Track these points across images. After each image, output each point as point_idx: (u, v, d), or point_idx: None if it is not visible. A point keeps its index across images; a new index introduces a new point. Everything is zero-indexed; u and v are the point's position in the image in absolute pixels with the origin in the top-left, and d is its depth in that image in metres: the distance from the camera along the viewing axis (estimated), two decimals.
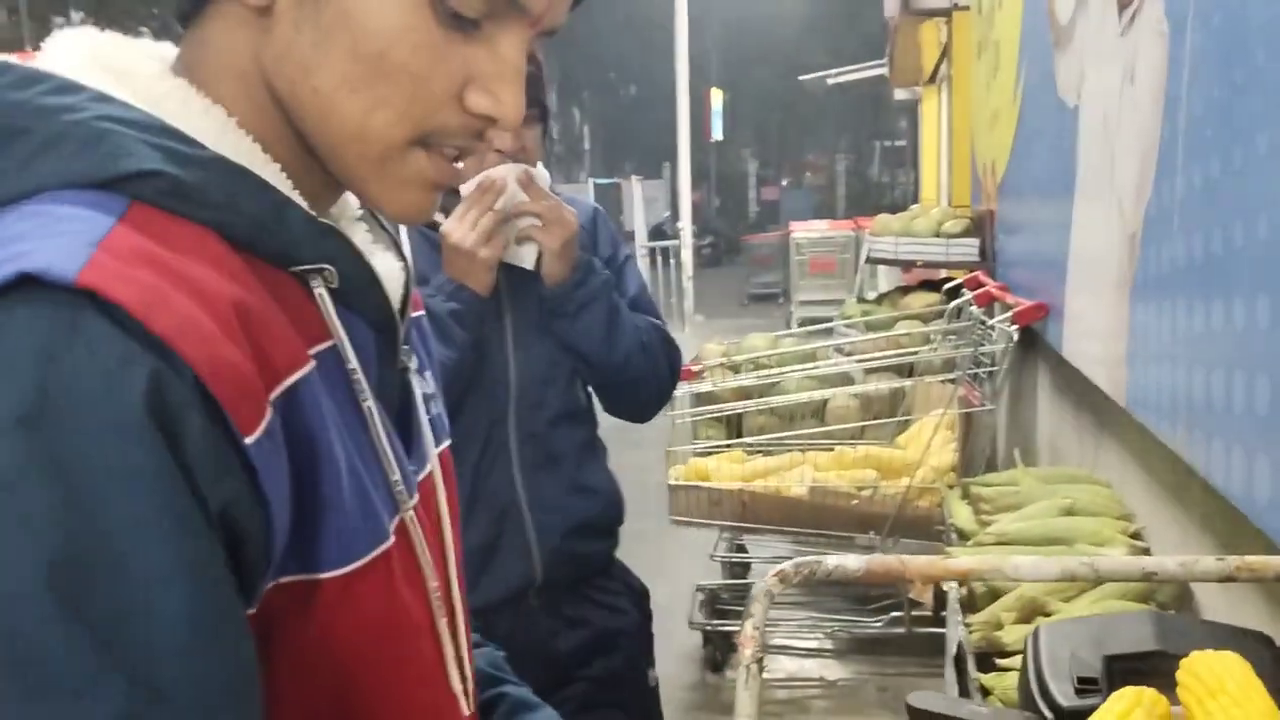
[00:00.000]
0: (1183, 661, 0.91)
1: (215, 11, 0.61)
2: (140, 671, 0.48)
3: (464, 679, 0.71)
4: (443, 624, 0.67)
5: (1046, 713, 1.11)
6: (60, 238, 0.51)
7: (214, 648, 0.50)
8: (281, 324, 0.57)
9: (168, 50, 0.63)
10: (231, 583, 0.52)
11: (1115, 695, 0.88)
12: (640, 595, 1.68)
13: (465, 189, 1.51)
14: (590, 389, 1.66)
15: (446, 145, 0.62)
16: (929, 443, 3.05)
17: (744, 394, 3.42)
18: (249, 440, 0.53)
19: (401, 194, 0.62)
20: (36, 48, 0.62)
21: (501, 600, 1.55)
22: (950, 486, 2.77)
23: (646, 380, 1.64)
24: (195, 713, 0.49)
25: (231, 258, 0.57)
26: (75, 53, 0.60)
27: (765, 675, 1.21)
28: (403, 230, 0.73)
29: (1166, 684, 0.96)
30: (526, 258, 1.54)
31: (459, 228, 1.49)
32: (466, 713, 0.71)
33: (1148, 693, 0.88)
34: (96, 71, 0.58)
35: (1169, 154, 1.78)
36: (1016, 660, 1.85)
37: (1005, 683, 1.79)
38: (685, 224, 8.25)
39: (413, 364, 0.71)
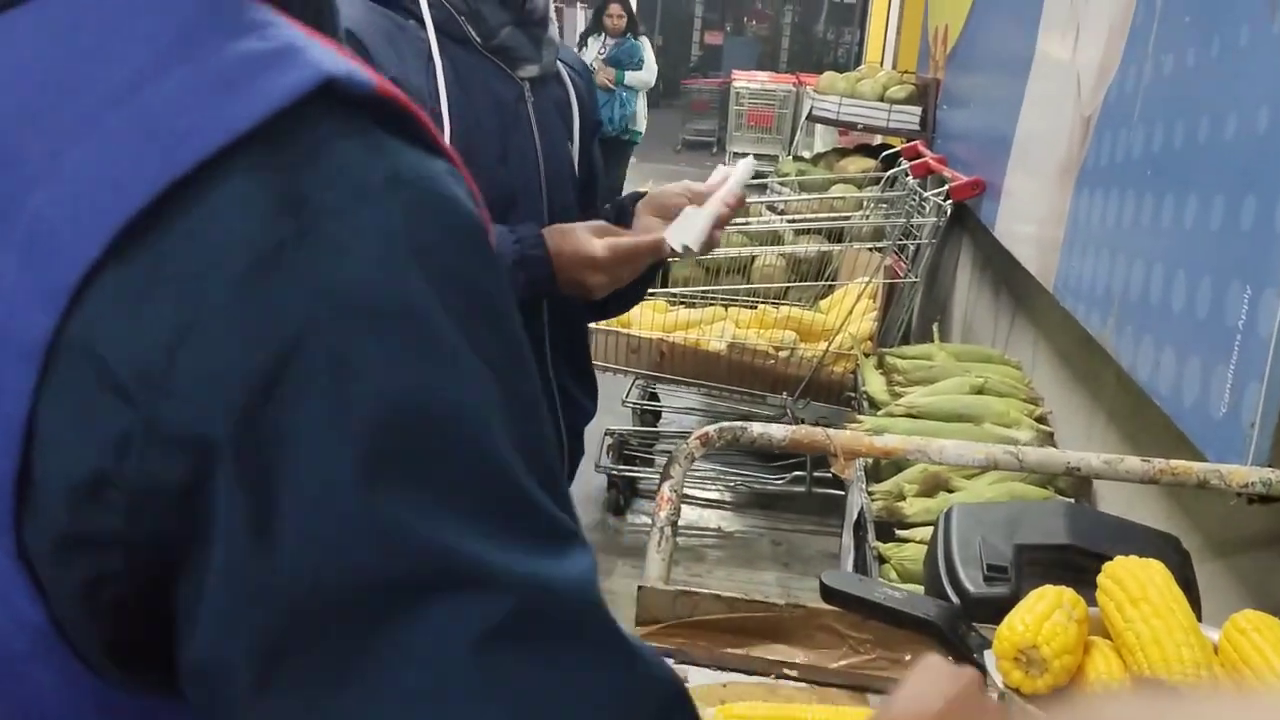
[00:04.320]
0: (1105, 566, 0.90)
1: None
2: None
3: None
4: None
5: (953, 597, 1.11)
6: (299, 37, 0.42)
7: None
8: None
9: None
10: None
11: (1035, 594, 0.86)
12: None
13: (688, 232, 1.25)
14: None
15: None
16: (850, 309, 3.04)
17: None
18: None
19: None
20: None
21: None
22: (866, 355, 2.78)
23: None
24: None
25: None
26: None
27: None
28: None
29: (1077, 579, 0.95)
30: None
31: (614, 266, 1.23)
32: None
33: (1067, 593, 0.86)
34: None
35: (1140, 37, 1.71)
36: (916, 532, 1.88)
37: (903, 553, 1.82)
38: None
39: None
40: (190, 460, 0.37)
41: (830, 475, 3.36)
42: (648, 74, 7.16)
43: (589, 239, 1.24)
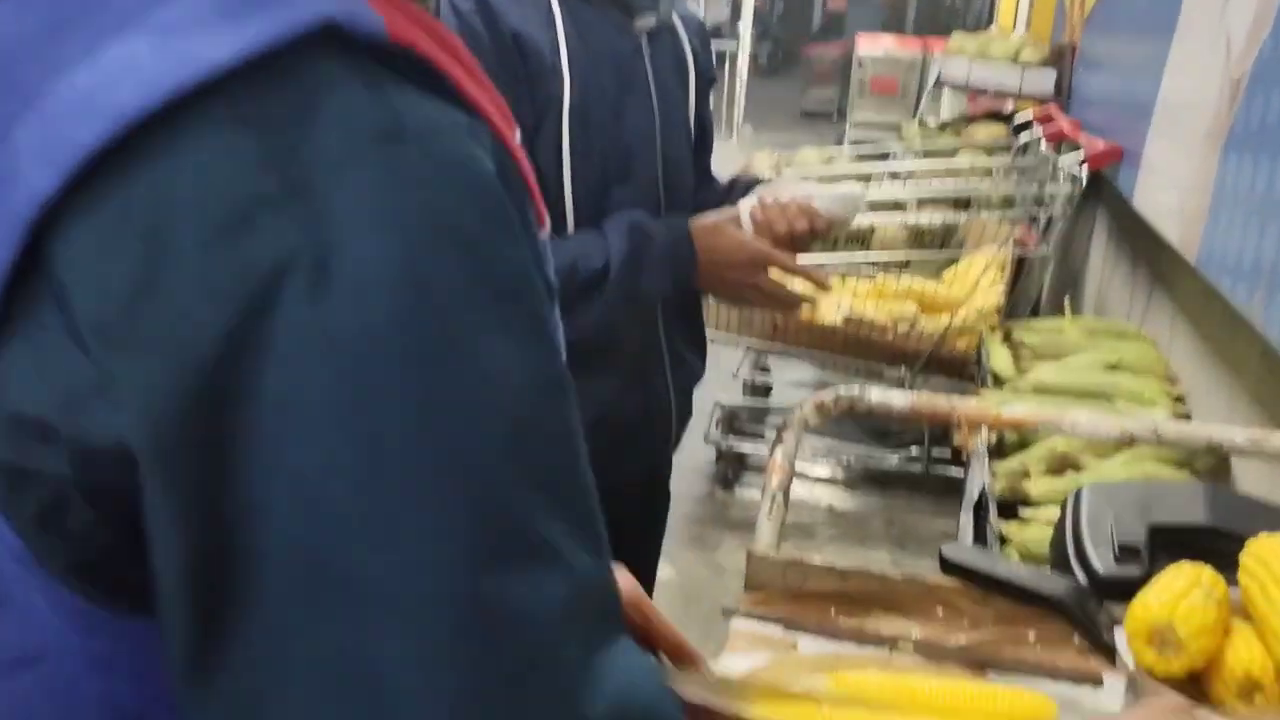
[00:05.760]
0: (1248, 543, 0.84)
1: None
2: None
3: None
4: None
5: (1081, 577, 1.06)
6: None
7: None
8: None
9: None
10: None
11: (1172, 570, 0.81)
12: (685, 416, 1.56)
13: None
14: None
15: None
16: (976, 281, 2.94)
17: None
18: (544, 236, 0.46)
19: None
20: None
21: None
22: (992, 329, 2.68)
23: None
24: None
25: None
26: None
27: None
28: None
29: (1216, 563, 0.89)
30: None
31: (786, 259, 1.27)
32: None
33: (1206, 571, 0.81)
34: None
35: None
36: (1040, 512, 1.81)
37: (1026, 534, 1.75)
38: (746, 27, 7.83)
39: None
40: (142, 424, 0.34)
41: (949, 455, 3.27)
42: None
43: (738, 238, 1.27)
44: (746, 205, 1.30)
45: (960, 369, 2.95)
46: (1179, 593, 0.79)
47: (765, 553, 1.07)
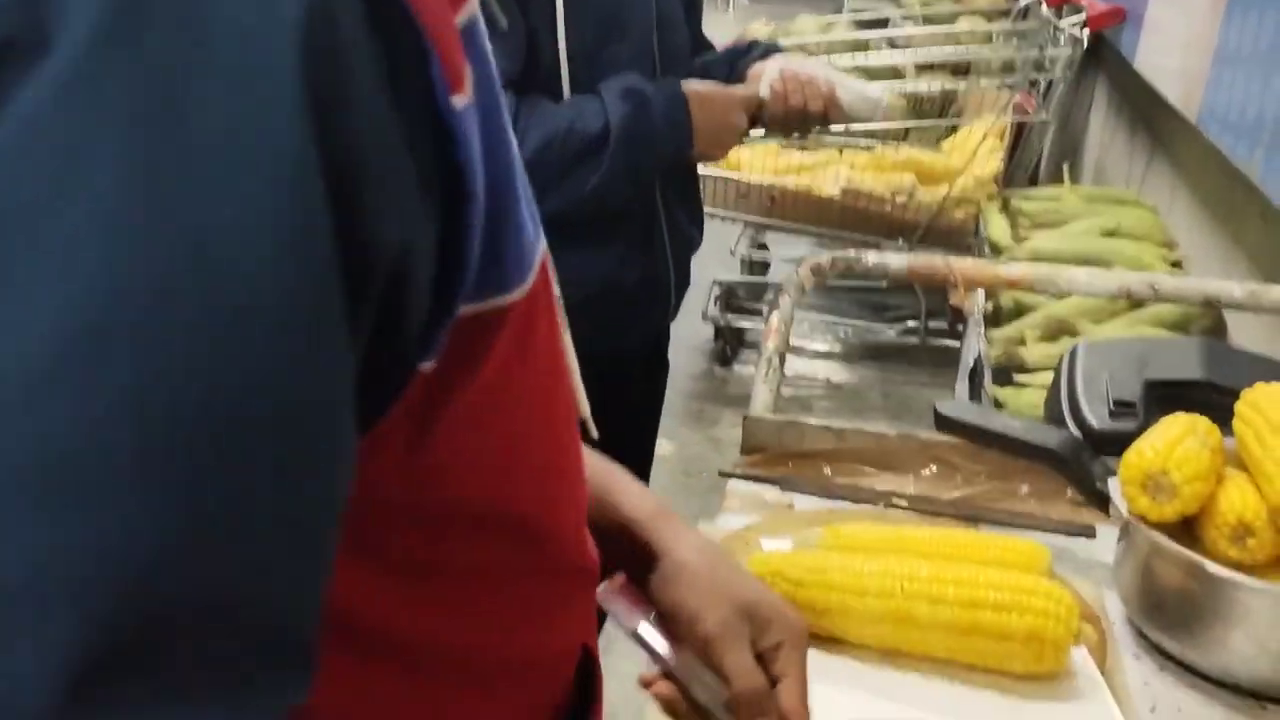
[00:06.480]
0: (1244, 393, 0.84)
1: None
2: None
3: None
4: (567, 338, 0.52)
5: (1075, 432, 1.06)
6: None
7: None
8: None
9: None
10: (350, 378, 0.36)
11: (1167, 420, 0.82)
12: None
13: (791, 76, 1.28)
14: None
15: None
16: (975, 150, 2.89)
17: None
18: (457, 104, 0.37)
19: None
20: None
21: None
22: (990, 198, 2.65)
23: None
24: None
25: None
26: None
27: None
28: None
29: (1210, 416, 0.90)
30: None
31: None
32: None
33: (1201, 421, 0.81)
34: None
35: None
36: (1035, 377, 1.81)
37: (1021, 399, 1.76)
38: None
39: None
40: None
41: (945, 326, 3.27)
42: None
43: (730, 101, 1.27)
44: (769, 75, 1.27)
45: (958, 240, 2.93)
46: (1174, 440, 0.79)
47: (762, 414, 1.08)
